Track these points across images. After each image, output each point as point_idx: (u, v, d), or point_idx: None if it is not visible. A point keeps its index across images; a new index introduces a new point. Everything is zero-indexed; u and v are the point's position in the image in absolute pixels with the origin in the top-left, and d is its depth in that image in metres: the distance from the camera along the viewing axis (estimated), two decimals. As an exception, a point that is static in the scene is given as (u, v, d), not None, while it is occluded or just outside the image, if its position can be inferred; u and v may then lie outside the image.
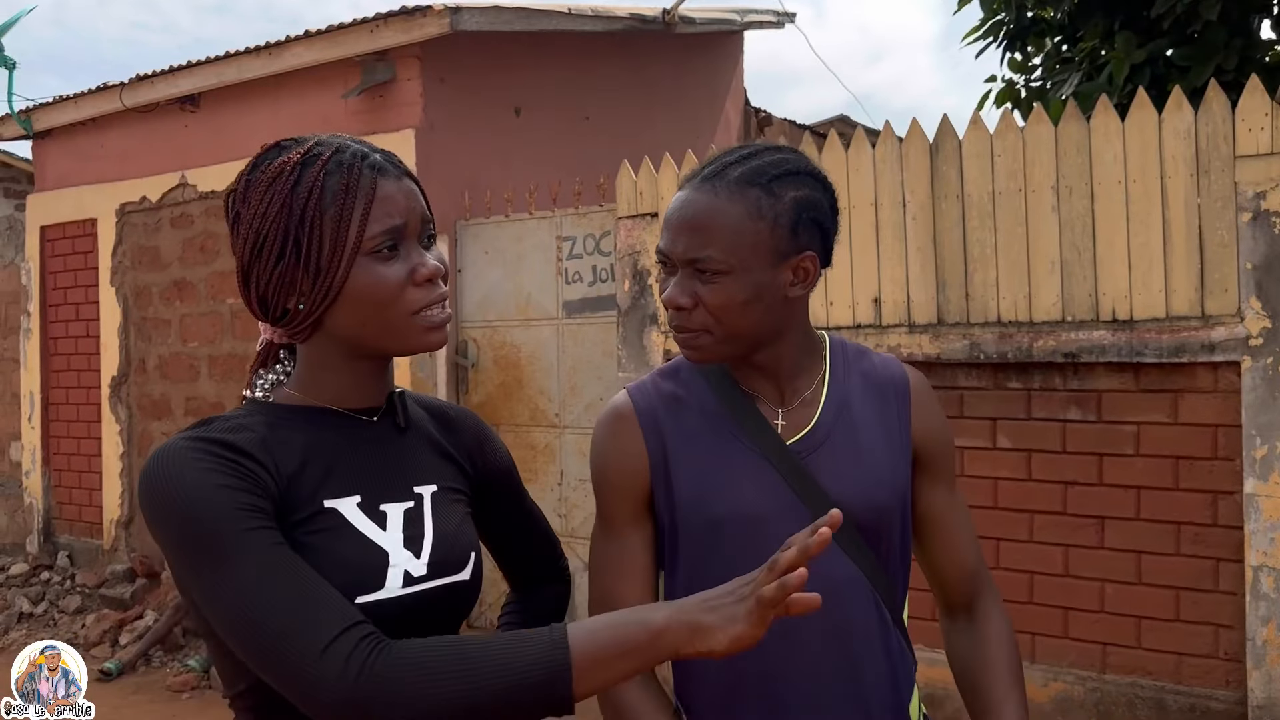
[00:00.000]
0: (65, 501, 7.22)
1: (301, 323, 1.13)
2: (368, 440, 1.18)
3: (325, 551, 1.08)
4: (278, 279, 1.11)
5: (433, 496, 1.21)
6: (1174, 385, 3.49)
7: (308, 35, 5.51)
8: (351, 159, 1.11)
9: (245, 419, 1.13)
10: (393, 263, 1.12)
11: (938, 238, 3.82)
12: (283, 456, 1.10)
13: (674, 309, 1.30)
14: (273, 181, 1.10)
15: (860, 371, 1.41)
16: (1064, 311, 3.60)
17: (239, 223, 1.13)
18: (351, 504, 1.13)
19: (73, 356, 7.12)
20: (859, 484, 1.33)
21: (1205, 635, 3.47)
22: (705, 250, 1.26)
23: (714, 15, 7.20)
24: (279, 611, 0.98)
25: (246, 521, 1.01)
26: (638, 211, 4.52)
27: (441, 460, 1.27)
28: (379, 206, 1.10)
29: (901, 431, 1.39)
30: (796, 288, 1.31)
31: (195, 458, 1.04)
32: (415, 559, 1.15)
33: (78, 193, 6.97)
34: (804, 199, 1.29)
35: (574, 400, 5.12)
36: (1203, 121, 3.39)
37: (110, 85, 6.47)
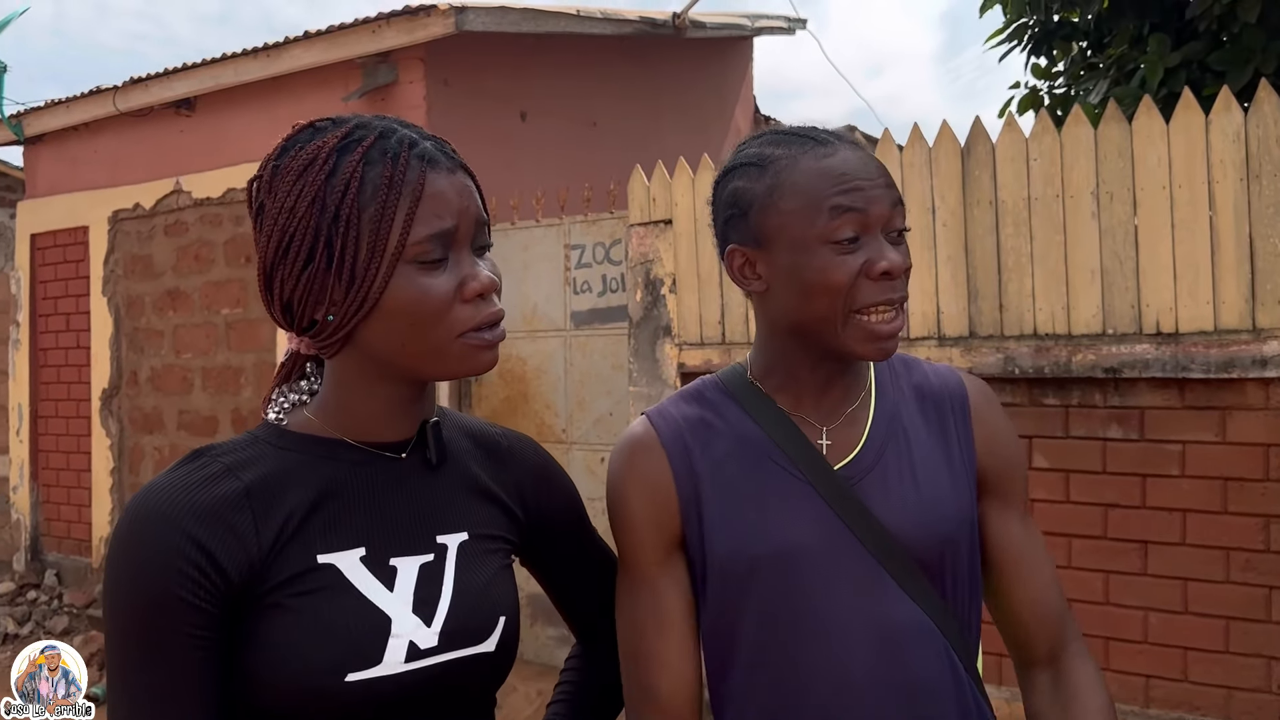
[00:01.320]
0: (54, 518, 7.00)
1: (331, 336, 0.96)
2: (388, 480, 1.01)
3: (311, 617, 0.91)
4: (305, 285, 0.94)
5: (460, 547, 1.03)
6: (1222, 402, 3.29)
7: (307, 36, 5.33)
8: (397, 146, 0.94)
9: (247, 452, 0.97)
10: (439, 272, 0.94)
11: (969, 246, 3.63)
12: (276, 504, 0.94)
13: (897, 276, 1.11)
14: (304, 170, 0.93)
15: (911, 384, 1.23)
16: (1105, 324, 3.41)
17: (263, 216, 0.96)
18: (353, 558, 0.95)
19: (63, 368, 6.91)
20: (918, 513, 1.14)
21: (1257, 668, 3.27)
22: (902, 205, 1.15)
23: (725, 20, 7.03)
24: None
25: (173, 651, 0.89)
26: (650, 218, 4.33)
27: (481, 501, 1.08)
28: (427, 205, 0.93)
29: (964, 450, 1.20)
30: None
31: (162, 543, 0.89)
32: (425, 626, 0.97)
33: (69, 199, 6.78)
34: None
35: (582, 415, 4.91)
36: (1253, 123, 3.20)
37: (103, 89, 6.29)
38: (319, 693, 0.91)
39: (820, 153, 1.13)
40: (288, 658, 0.91)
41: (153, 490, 0.93)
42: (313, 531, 0.95)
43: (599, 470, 4.84)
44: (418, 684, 0.95)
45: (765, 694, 1.13)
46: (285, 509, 0.94)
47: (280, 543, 0.93)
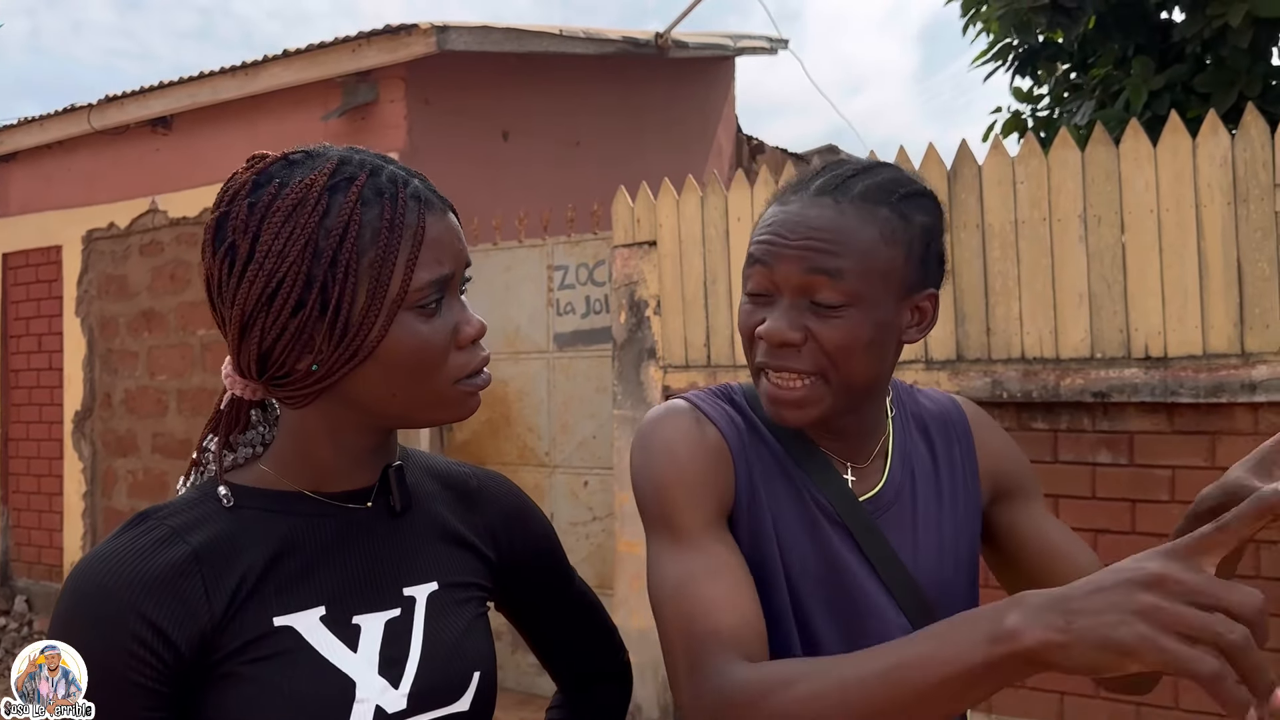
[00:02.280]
0: (24, 543, 6.87)
1: (309, 386, 0.89)
2: (349, 532, 0.95)
3: (269, 685, 0.86)
4: (293, 334, 0.87)
5: (430, 599, 0.97)
6: (1211, 427, 3.28)
7: (286, 55, 5.28)
8: (390, 186, 0.88)
9: (195, 512, 0.91)
10: (435, 319, 0.90)
11: (956, 269, 3.61)
12: (228, 567, 0.88)
13: (778, 345, 1.03)
14: (294, 210, 0.86)
15: (915, 415, 1.21)
16: (1093, 348, 3.39)
17: (239, 260, 0.87)
18: (313, 618, 0.90)
19: (34, 390, 6.79)
20: (928, 549, 1.14)
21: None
22: (829, 276, 1.01)
23: (707, 40, 7.02)
24: None
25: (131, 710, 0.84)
26: (635, 240, 4.29)
27: (450, 547, 1.02)
28: (428, 250, 0.88)
29: (970, 481, 1.19)
30: (913, 330, 1.09)
31: (109, 622, 0.84)
32: (392, 689, 0.91)
33: (42, 218, 6.68)
34: (930, 226, 1.08)
35: (565, 438, 4.85)
36: (1240, 147, 3.20)
37: (78, 107, 6.21)
38: None
39: (777, 201, 1.08)
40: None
41: (95, 560, 0.87)
42: (268, 592, 0.89)
43: (582, 495, 4.78)
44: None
45: None
46: (238, 571, 0.88)
47: (234, 608, 0.87)
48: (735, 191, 4.06)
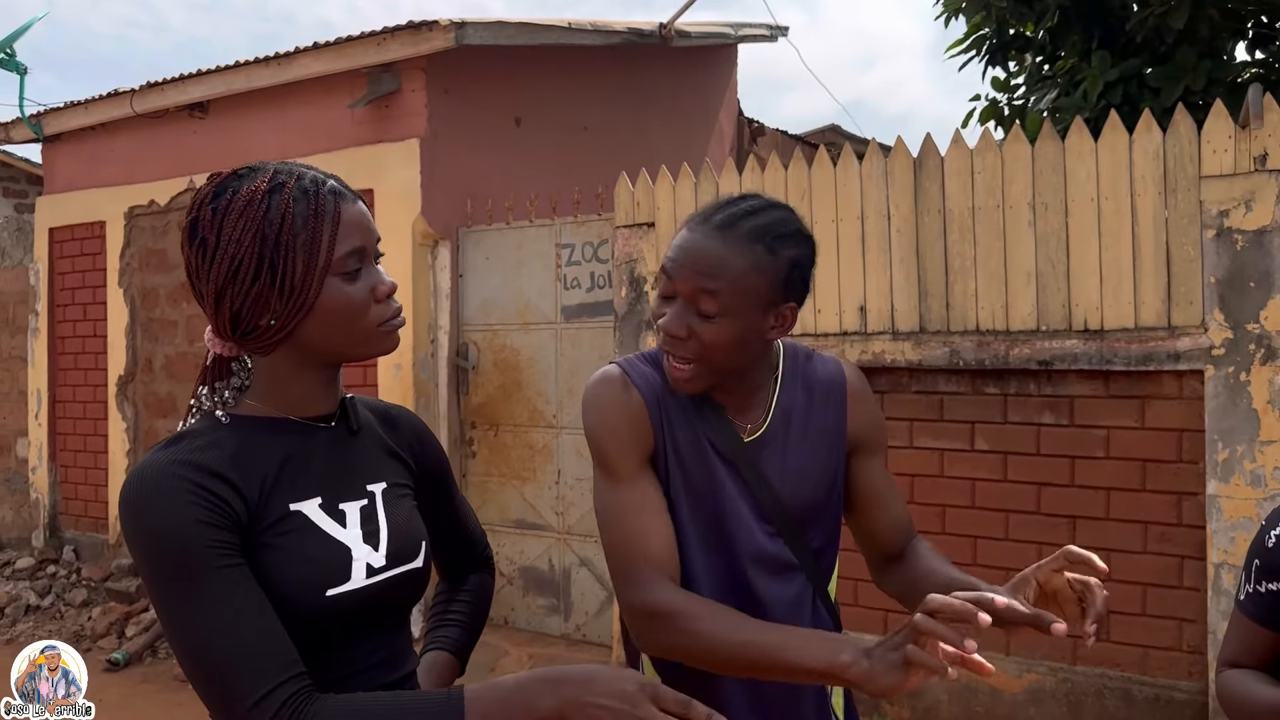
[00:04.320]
0: (71, 497, 7.37)
1: (271, 338, 1.22)
2: (324, 445, 1.28)
3: (295, 551, 1.19)
4: (253, 299, 1.19)
5: (383, 493, 1.32)
6: (1142, 392, 3.68)
7: (316, 47, 5.69)
8: (313, 185, 1.21)
9: (215, 435, 1.21)
10: (357, 280, 1.23)
11: (920, 250, 4.02)
12: (250, 469, 1.19)
13: (670, 337, 1.46)
14: (244, 209, 1.18)
15: (805, 377, 1.60)
16: (1039, 321, 3.80)
17: (209, 249, 1.19)
18: (314, 505, 1.23)
19: (80, 355, 7.27)
20: (796, 478, 1.54)
21: (1170, 629, 3.66)
22: (714, 286, 1.41)
23: (709, 29, 7.40)
24: (221, 653, 1.09)
25: (213, 560, 1.11)
26: (634, 221, 4.70)
27: (389, 459, 1.38)
28: (344, 229, 1.21)
29: (838, 428, 1.59)
30: (774, 331, 1.49)
31: (173, 486, 1.12)
32: (375, 552, 1.26)
33: (86, 196, 7.13)
34: (797, 258, 1.47)
35: (571, 402, 5.29)
36: (1170, 142, 3.58)
37: (121, 91, 6.63)
38: (307, 607, 1.17)
39: (687, 226, 1.49)
40: (281, 582, 1.16)
41: (152, 461, 1.15)
42: (282, 487, 1.21)
43: (586, 453, 5.21)
44: (375, 594, 1.24)
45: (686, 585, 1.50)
46: (260, 471, 1.19)
47: (262, 496, 1.19)
48: (726, 178, 4.46)
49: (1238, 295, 3.47)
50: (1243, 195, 3.45)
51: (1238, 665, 1.61)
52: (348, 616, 1.22)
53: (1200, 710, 3.54)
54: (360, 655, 1.26)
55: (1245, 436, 3.45)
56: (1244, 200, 3.45)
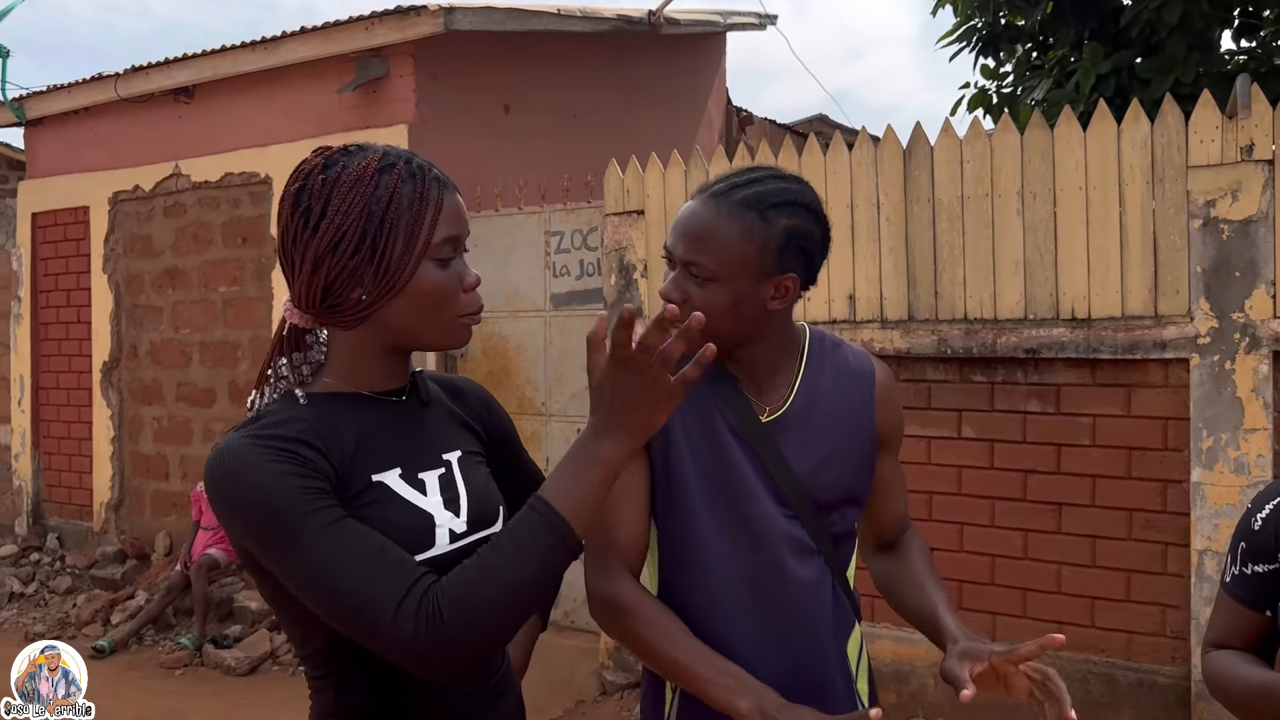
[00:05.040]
0: (55, 484, 7.34)
1: (357, 312, 1.24)
2: (398, 418, 1.32)
3: (380, 520, 1.21)
4: (349, 272, 1.22)
5: (458, 461, 1.36)
6: (1128, 380, 3.71)
7: (304, 31, 5.66)
8: (419, 170, 1.25)
9: (292, 412, 1.24)
10: (448, 268, 1.26)
11: (909, 239, 4.03)
12: (332, 442, 1.22)
13: (666, 301, 1.47)
14: (355, 182, 1.21)
15: (834, 364, 1.60)
16: (1026, 310, 3.82)
17: (313, 218, 1.22)
18: (394, 475, 1.27)
19: (63, 341, 7.23)
20: (818, 462, 1.54)
21: (1153, 615, 3.70)
22: (699, 257, 1.45)
23: (698, 17, 7.39)
24: (351, 578, 1.12)
25: (310, 502, 1.14)
26: (624, 209, 4.70)
27: (460, 428, 1.41)
28: (444, 217, 1.25)
29: (867, 419, 1.59)
30: (775, 302, 1.49)
31: (256, 452, 1.16)
32: (456, 518, 1.29)
33: (70, 180, 7.08)
34: (795, 228, 1.47)
35: (560, 390, 5.30)
36: (1158, 132, 3.60)
37: (105, 75, 6.58)
38: None
39: (691, 198, 1.53)
40: None
41: (229, 442, 1.19)
42: (362, 459, 1.24)
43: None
44: (459, 559, 1.22)
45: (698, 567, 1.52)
46: (340, 444, 1.22)
47: (344, 468, 1.22)
48: (716, 165, 4.46)
49: (1223, 285, 3.50)
50: (1229, 185, 3.48)
51: (1223, 647, 1.63)
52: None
53: (1183, 695, 3.58)
54: None
55: (1229, 425, 3.48)
56: (1230, 190, 3.47)
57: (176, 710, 4.87)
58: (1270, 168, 3.42)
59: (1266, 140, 3.42)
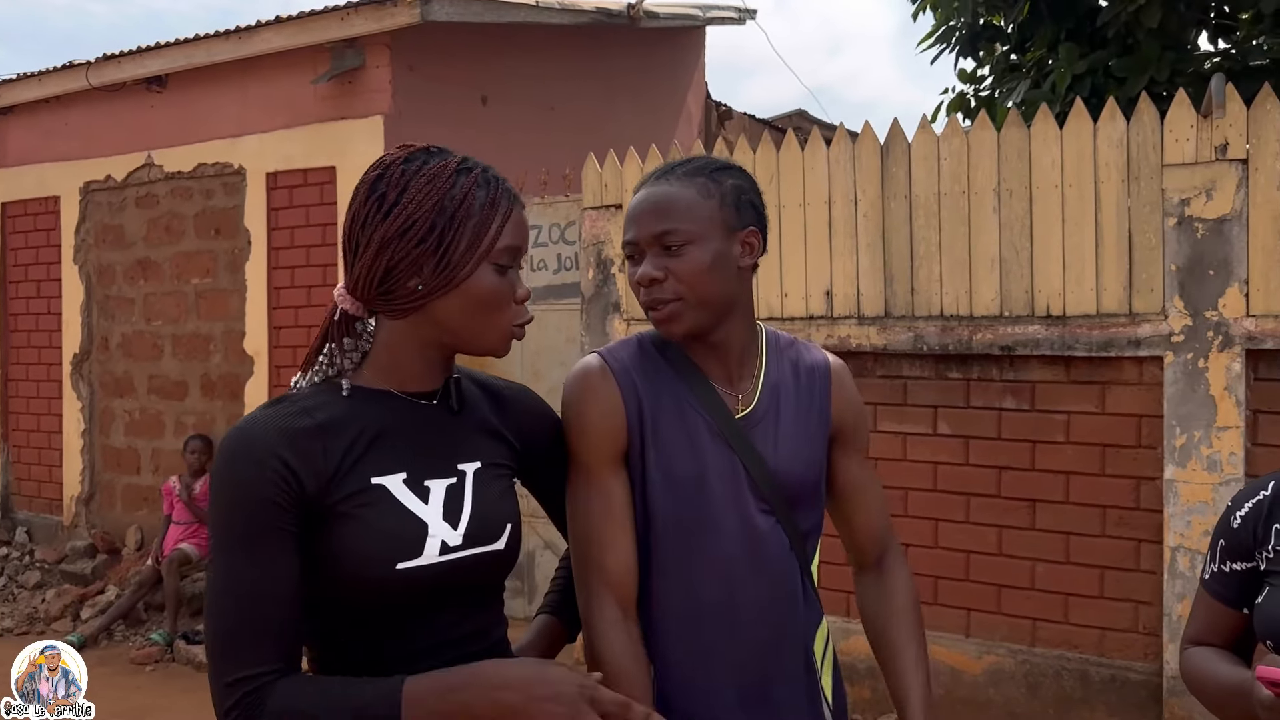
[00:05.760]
0: (24, 478, 7.24)
1: (409, 302, 1.28)
2: (422, 422, 1.33)
3: (370, 523, 1.24)
4: (411, 260, 1.26)
5: (475, 473, 1.35)
6: (1102, 377, 3.73)
7: (278, 20, 5.59)
8: (494, 180, 1.31)
9: (319, 399, 1.29)
10: (504, 276, 1.31)
11: (886, 235, 4.03)
12: (337, 440, 1.25)
13: (646, 284, 1.47)
14: (434, 177, 1.28)
15: (790, 359, 1.62)
16: (1002, 307, 3.83)
17: (387, 204, 1.27)
18: (398, 480, 1.28)
19: (33, 333, 7.13)
20: (789, 456, 1.55)
21: (1126, 611, 3.72)
22: (669, 224, 1.47)
23: (677, 10, 7.36)
24: (221, 619, 1.19)
25: (262, 537, 1.19)
26: (602, 203, 4.67)
27: (489, 439, 1.41)
28: (511, 226, 1.31)
29: (823, 411, 1.60)
30: (746, 258, 1.52)
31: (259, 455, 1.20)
32: (452, 530, 1.29)
33: (40, 170, 6.98)
34: (739, 185, 1.54)
35: (537, 385, 5.26)
36: (1134, 131, 3.62)
37: (76, 64, 6.49)
38: (375, 579, 1.23)
39: (635, 192, 1.55)
40: (352, 551, 1.22)
41: (249, 423, 1.25)
42: (368, 460, 1.26)
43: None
44: (447, 572, 1.27)
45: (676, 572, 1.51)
46: (347, 441, 1.25)
47: (344, 467, 1.24)
48: (693, 160, 4.45)
49: (1197, 283, 3.51)
50: (1204, 184, 3.49)
51: (1202, 643, 1.63)
52: (419, 591, 1.26)
53: (1155, 691, 3.60)
54: (442, 628, 1.30)
55: (1202, 422, 3.50)
56: (1205, 189, 3.49)
57: (147, 707, 4.81)
58: (1244, 167, 3.44)
59: (1240, 139, 3.44)
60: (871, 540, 1.68)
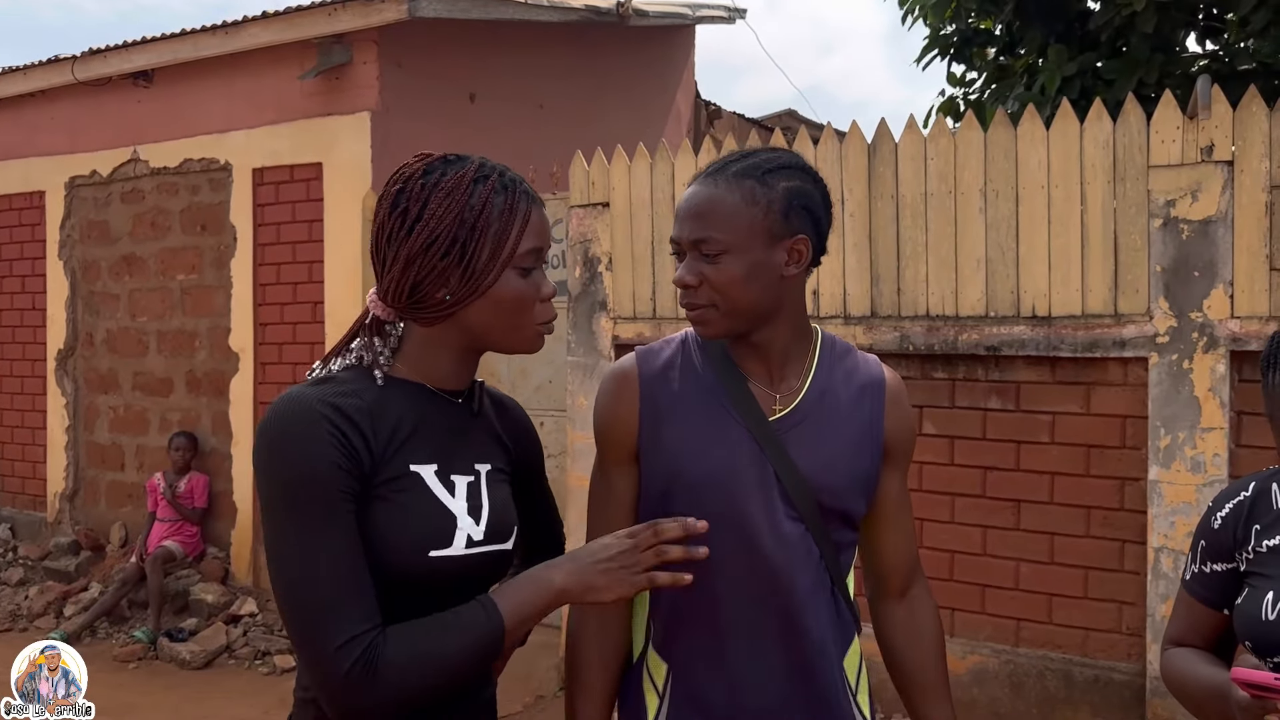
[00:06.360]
0: (8, 474, 7.20)
1: (439, 311, 1.32)
2: (451, 419, 1.38)
3: (409, 507, 1.28)
4: (437, 273, 1.29)
5: (487, 474, 1.40)
6: (1087, 378, 3.73)
7: (265, 16, 5.57)
8: (511, 184, 1.33)
9: (361, 384, 1.31)
10: (529, 278, 1.34)
11: (873, 235, 4.03)
12: (382, 423, 1.29)
13: (682, 287, 1.47)
14: (452, 189, 1.30)
15: (845, 367, 1.57)
16: (988, 307, 3.83)
17: (410, 219, 1.30)
18: (430, 471, 1.32)
19: (17, 329, 7.09)
20: (825, 464, 1.50)
21: (1110, 612, 3.73)
22: (706, 232, 1.44)
23: (666, 9, 7.35)
24: (325, 593, 1.19)
25: (335, 503, 1.21)
26: (590, 201, 4.66)
27: (495, 444, 1.46)
28: (530, 229, 1.33)
29: (874, 426, 1.55)
30: (791, 267, 1.47)
31: (315, 423, 1.22)
32: (476, 525, 1.34)
33: (25, 164, 6.94)
34: (795, 189, 1.47)
35: (524, 382, 5.26)
36: (1120, 132, 3.62)
37: (61, 58, 6.45)
38: (406, 564, 1.26)
39: (689, 185, 1.51)
40: (389, 535, 1.25)
41: (300, 397, 1.26)
42: (407, 447, 1.30)
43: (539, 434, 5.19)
44: (471, 565, 1.32)
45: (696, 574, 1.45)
46: (390, 425, 1.29)
47: (388, 450, 1.28)
48: (681, 159, 4.44)
49: (1182, 284, 3.52)
50: (1189, 185, 3.50)
51: (1183, 644, 1.63)
52: (443, 580, 1.29)
53: (1138, 691, 3.61)
54: None
55: (1187, 423, 3.51)
56: (1190, 190, 3.50)
57: (130, 704, 4.79)
58: (1230, 168, 3.45)
59: (1226, 141, 3.44)
60: (900, 567, 1.62)
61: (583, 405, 4.55)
